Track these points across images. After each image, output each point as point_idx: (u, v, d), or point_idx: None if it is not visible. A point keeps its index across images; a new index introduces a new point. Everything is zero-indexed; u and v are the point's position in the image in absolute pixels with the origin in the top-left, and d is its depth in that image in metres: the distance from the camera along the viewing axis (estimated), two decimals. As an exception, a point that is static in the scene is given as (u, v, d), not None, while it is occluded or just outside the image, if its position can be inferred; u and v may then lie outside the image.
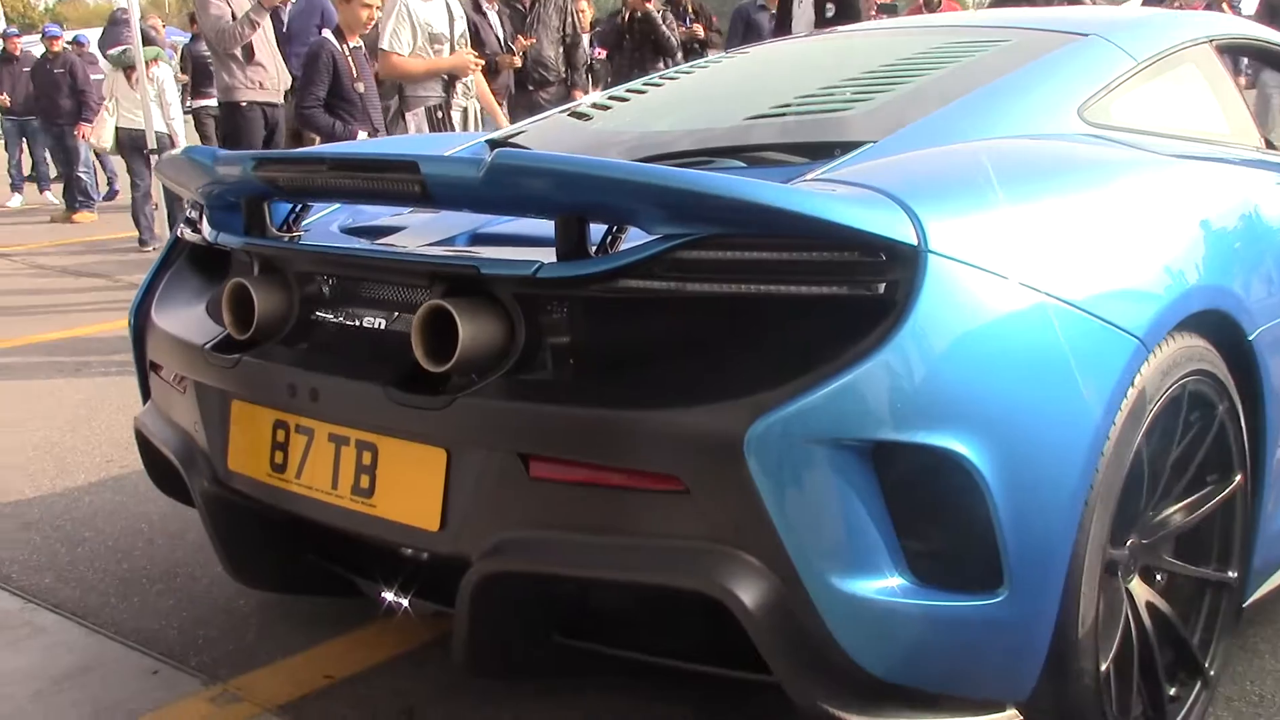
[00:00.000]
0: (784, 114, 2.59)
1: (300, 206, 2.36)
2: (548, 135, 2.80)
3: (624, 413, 1.79)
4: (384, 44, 5.88)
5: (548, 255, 1.91)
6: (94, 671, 2.76)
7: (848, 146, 2.28)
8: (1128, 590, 2.11)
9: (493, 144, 2.89)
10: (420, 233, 2.28)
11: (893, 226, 1.74)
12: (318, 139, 5.76)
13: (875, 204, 1.77)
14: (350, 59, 5.89)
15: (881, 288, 1.75)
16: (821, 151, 2.32)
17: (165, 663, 2.78)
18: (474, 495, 1.93)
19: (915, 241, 1.74)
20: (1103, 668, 1.98)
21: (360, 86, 5.89)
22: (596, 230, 1.89)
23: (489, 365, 1.94)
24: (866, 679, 1.79)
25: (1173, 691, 2.19)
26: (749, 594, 1.73)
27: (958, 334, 1.75)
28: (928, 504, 1.77)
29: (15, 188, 13.53)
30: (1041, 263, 1.87)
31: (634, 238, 1.88)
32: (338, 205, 2.52)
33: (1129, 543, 2.09)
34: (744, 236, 1.79)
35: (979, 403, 1.75)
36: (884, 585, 1.75)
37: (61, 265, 8.75)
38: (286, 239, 2.33)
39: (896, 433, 1.71)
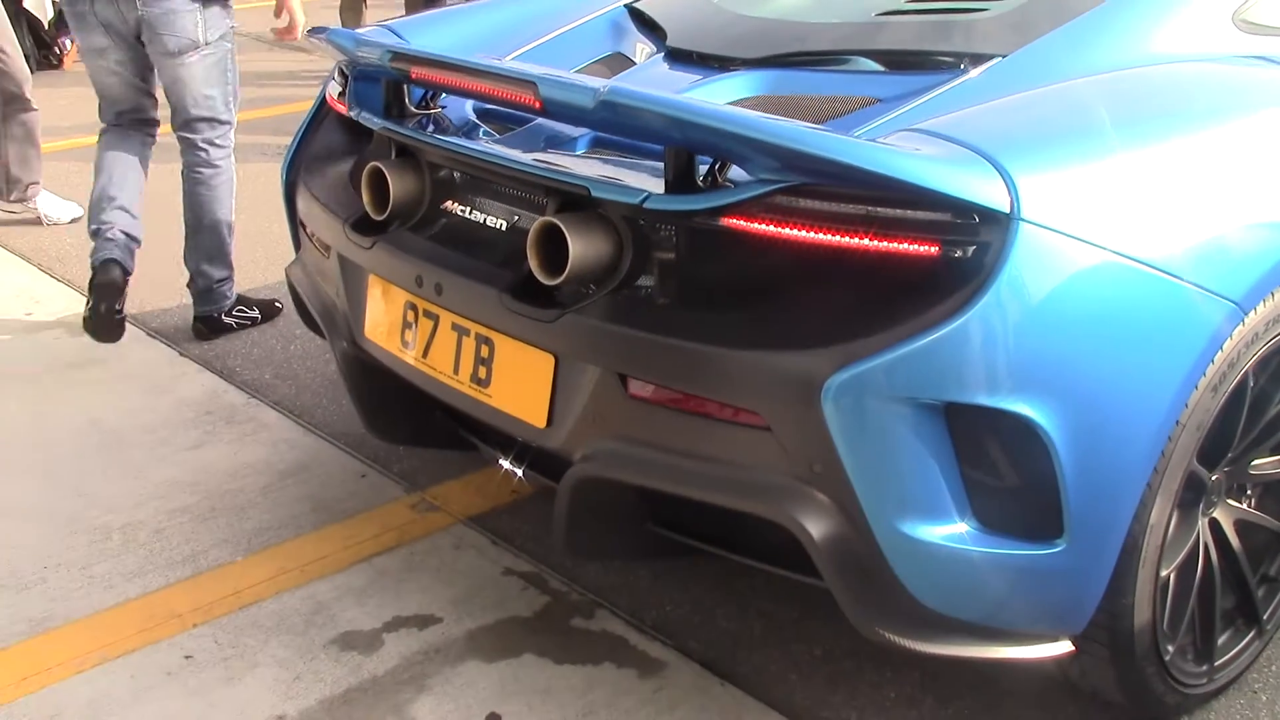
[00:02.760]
0: (920, 10, 2.53)
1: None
2: (684, 13, 2.79)
3: (714, 349, 1.89)
4: None
5: (660, 180, 1.98)
6: (311, 470, 3.09)
7: (977, 59, 2.26)
8: (1200, 530, 2.17)
9: (632, 10, 2.91)
10: (548, 130, 2.36)
11: (984, 191, 1.76)
12: None
13: (968, 165, 1.78)
14: None
15: (970, 251, 1.78)
16: (950, 62, 2.29)
17: (372, 468, 3.10)
18: (577, 402, 2.08)
19: (1007, 208, 1.76)
20: (1159, 608, 2.07)
21: None
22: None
23: (599, 280, 2.05)
24: (924, 611, 1.91)
25: (1226, 636, 2.27)
26: (818, 528, 1.86)
27: (1041, 301, 1.78)
28: (996, 461, 1.85)
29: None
30: (1138, 226, 1.86)
31: (742, 174, 1.94)
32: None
33: (1210, 484, 2.14)
34: (838, 188, 1.84)
35: (1056, 370, 1.80)
36: (948, 531, 1.86)
37: (254, 32, 8.44)
38: (422, 125, 2.44)
39: (971, 396, 1.78)
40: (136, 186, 3.83)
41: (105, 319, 3.59)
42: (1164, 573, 2.07)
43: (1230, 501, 2.26)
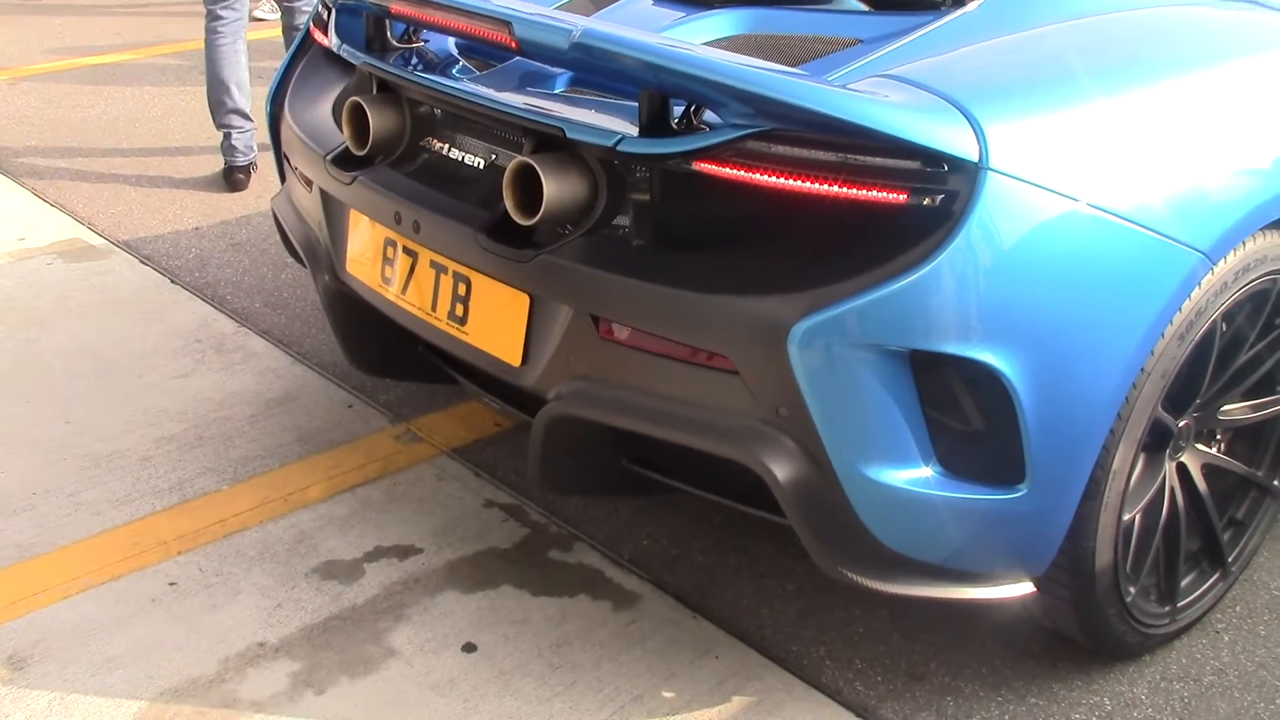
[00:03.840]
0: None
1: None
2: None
3: (684, 292, 1.91)
4: None
5: (635, 123, 1.99)
6: (298, 400, 3.13)
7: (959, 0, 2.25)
8: (1167, 473, 2.20)
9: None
10: (529, 68, 2.35)
11: (952, 140, 1.76)
12: None
13: (937, 113, 1.79)
14: None
15: (938, 199, 1.79)
16: (930, 2, 2.28)
17: (359, 398, 3.14)
18: (550, 342, 2.10)
19: (975, 157, 1.77)
20: (1121, 548, 2.10)
21: None
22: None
23: (574, 221, 2.06)
24: (886, 552, 1.95)
25: (1190, 578, 2.31)
26: (783, 471, 1.89)
27: (1007, 251, 1.79)
28: (959, 407, 1.87)
29: None
30: (1107, 176, 1.87)
31: (716, 118, 1.94)
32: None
33: (1178, 430, 2.16)
34: (809, 134, 1.84)
35: (1020, 319, 1.81)
36: (911, 476, 1.89)
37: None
38: (404, 60, 2.44)
39: (935, 344, 1.80)
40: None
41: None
42: (1127, 516, 2.10)
43: (1199, 446, 2.29)
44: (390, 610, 2.40)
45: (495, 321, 2.20)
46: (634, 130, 1.97)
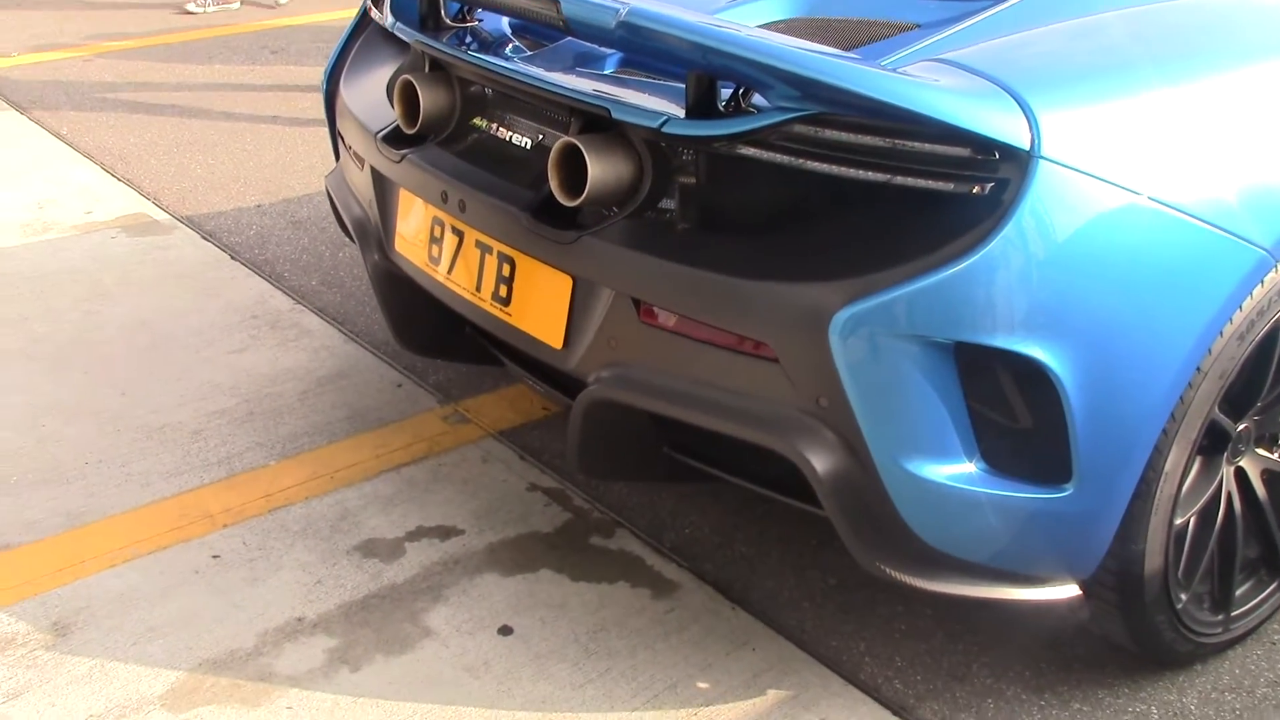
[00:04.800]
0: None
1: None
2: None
3: (725, 277, 1.88)
4: None
5: (682, 104, 1.96)
6: (349, 378, 3.15)
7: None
8: (1225, 477, 2.13)
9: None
10: (579, 49, 2.33)
11: (1004, 127, 1.71)
12: None
13: (988, 98, 1.74)
14: None
15: (988, 188, 1.74)
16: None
17: (408, 378, 3.15)
18: (592, 324, 2.08)
19: (1027, 145, 1.71)
20: (1173, 554, 2.04)
21: None
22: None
23: (619, 202, 2.04)
24: (927, 549, 1.91)
25: (1247, 586, 2.23)
26: (822, 463, 1.85)
27: (1059, 243, 1.74)
28: (1005, 402, 1.82)
29: None
30: (1166, 168, 1.80)
31: (764, 101, 1.90)
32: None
33: (1236, 433, 2.09)
34: (857, 119, 1.80)
35: (1070, 313, 1.76)
36: (953, 471, 1.84)
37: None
38: (457, 38, 2.42)
39: (981, 337, 1.75)
40: None
41: None
42: (1180, 520, 2.03)
43: (1260, 451, 2.21)
44: (429, 590, 2.39)
45: (538, 303, 2.18)
46: (681, 112, 1.94)
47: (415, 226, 2.45)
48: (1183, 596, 2.10)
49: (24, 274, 3.67)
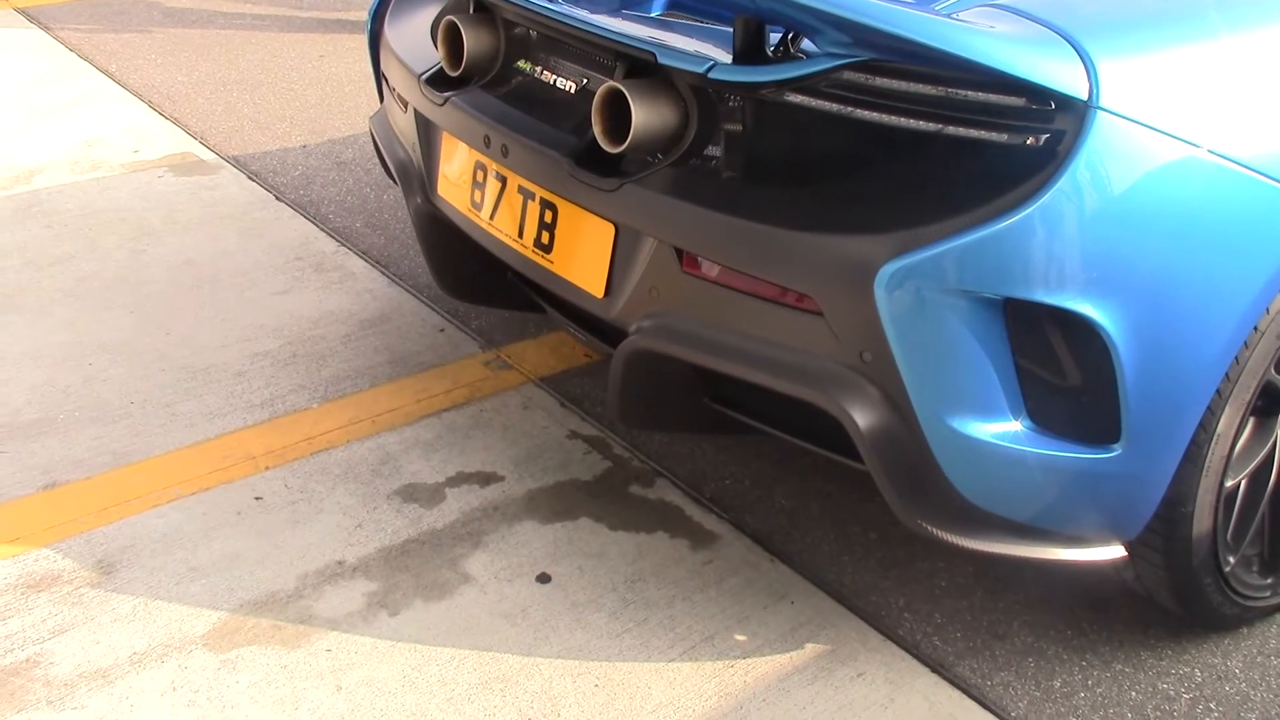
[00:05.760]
0: None
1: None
2: None
3: (770, 227, 1.84)
4: None
5: (730, 50, 1.92)
6: (392, 321, 3.15)
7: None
8: (1278, 438, 2.08)
9: None
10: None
11: (1061, 76, 1.66)
12: None
13: (1045, 46, 1.68)
14: None
15: (1043, 139, 1.69)
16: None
17: (451, 322, 3.15)
18: (634, 273, 2.05)
19: (1085, 95, 1.66)
20: (1222, 516, 2.00)
21: None
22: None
23: (663, 149, 2.00)
24: (970, 507, 1.88)
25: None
26: (864, 418, 1.82)
27: (1115, 197, 1.69)
28: (1054, 360, 1.78)
29: None
30: (1229, 121, 1.74)
31: (813, 47, 1.86)
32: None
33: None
34: (908, 66, 1.75)
35: (1124, 270, 1.71)
36: (999, 429, 1.81)
37: None
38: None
39: (1032, 293, 1.71)
40: None
41: None
42: (1230, 482, 1.99)
43: (1318, 413, 2.16)
44: (468, 536, 2.40)
45: (580, 250, 2.16)
46: (728, 57, 1.90)
47: (458, 170, 2.43)
48: (1231, 559, 2.06)
49: (72, 212, 3.68)
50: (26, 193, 3.81)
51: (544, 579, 2.30)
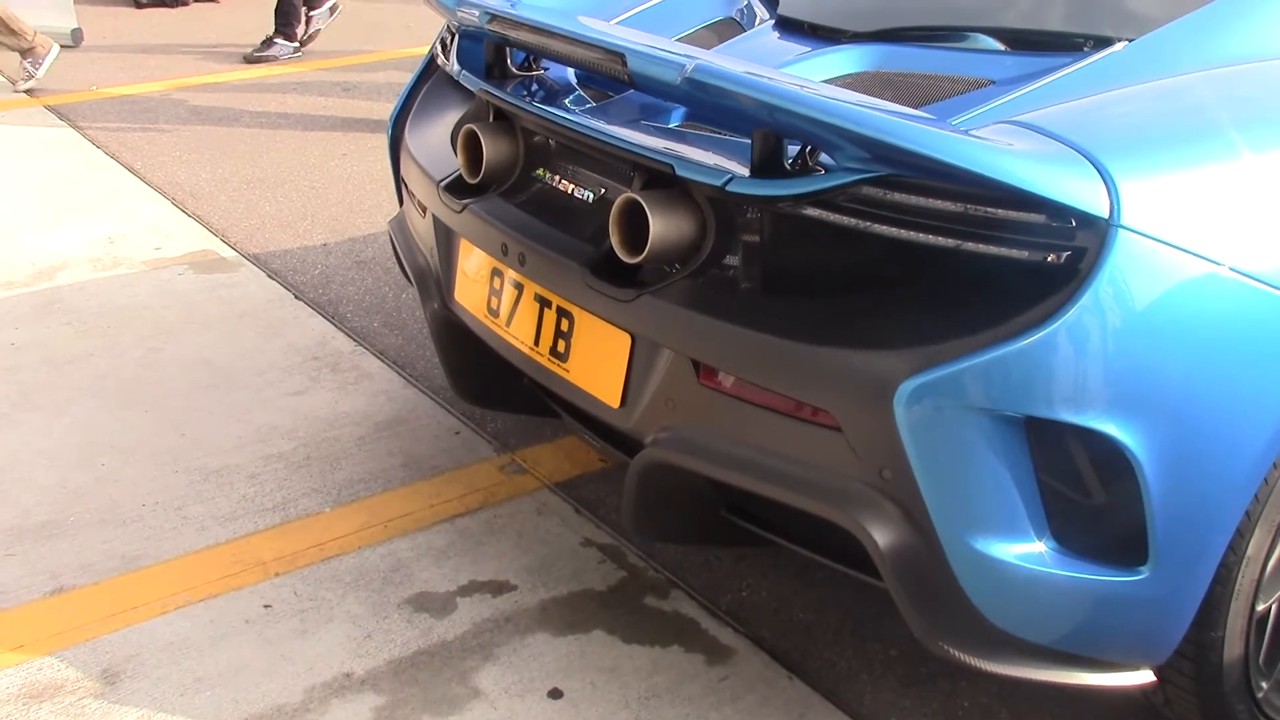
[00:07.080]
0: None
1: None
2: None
3: (788, 342, 1.82)
4: None
5: (747, 162, 1.91)
6: (407, 424, 3.13)
7: (1101, 42, 2.12)
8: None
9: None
10: (644, 102, 2.29)
11: (1081, 194, 1.64)
12: None
13: (1066, 164, 1.67)
14: None
15: (1064, 256, 1.67)
16: (1074, 43, 2.16)
17: (466, 424, 3.13)
18: (650, 385, 2.03)
19: (1106, 213, 1.64)
20: (1254, 640, 1.94)
21: None
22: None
23: (681, 260, 1.99)
24: (993, 630, 1.83)
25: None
26: (885, 537, 1.78)
27: (1137, 314, 1.66)
28: (1078, 480, 1.74)
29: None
30: (1252, 239, 1.72)
31: (831, 161, 1.85)
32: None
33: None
34: (928, 182, 1.74)
35: (1149, 389, 1.68)
36: (1022, 550, 1.76)
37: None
38: (523, 88, 2.40)
39: (1054, 411, 1.67)
40: None
41: None
42: (1262, 606, 1.94)
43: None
44: (479, 649, 2.35)
45: (596, 360, 2.14)
46: (745, 170, 1.90)
47: (475, 277, 2.42)
48: (1264, 685, 2.00)
49: (92, 309, 3.70)
50: (48, 289, 3.83)
51: (555, 694, 2.24)
